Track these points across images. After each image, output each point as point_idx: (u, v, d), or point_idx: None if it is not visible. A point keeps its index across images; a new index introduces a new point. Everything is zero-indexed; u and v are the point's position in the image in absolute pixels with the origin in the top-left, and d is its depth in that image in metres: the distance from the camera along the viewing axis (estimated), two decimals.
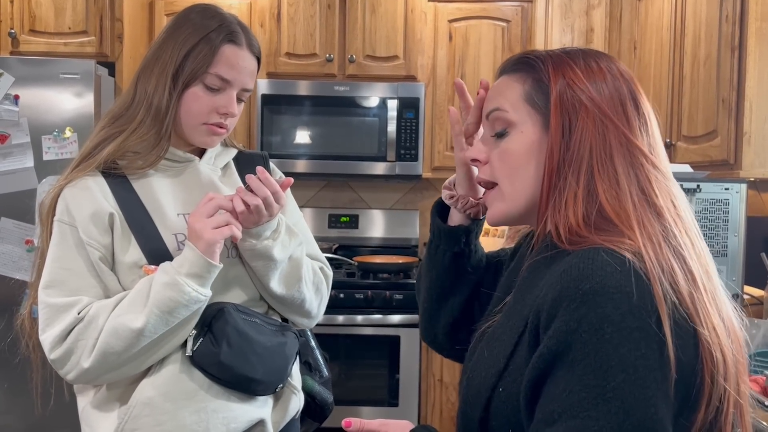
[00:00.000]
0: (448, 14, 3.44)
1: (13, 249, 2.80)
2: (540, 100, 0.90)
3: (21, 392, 2.74)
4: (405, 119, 3.30)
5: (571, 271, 0.78)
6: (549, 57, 0.92)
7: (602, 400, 0.73)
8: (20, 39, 3.07)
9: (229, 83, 1.33)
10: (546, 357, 0.77)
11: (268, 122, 3.32)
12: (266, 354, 1.32)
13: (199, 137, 1.37)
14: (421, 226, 3.79)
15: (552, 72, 0.90)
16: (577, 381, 0.74)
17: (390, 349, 3.07)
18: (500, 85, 0.95)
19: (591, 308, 0.75)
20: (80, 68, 2.81)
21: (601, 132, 0.86)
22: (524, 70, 0.93)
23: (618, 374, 0.73)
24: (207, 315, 1.29)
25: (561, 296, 0.77)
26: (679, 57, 2.43)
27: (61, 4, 3.06)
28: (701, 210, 2.03)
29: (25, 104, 2.80)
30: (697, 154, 2.26)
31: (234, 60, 1.33)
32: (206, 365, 1.29)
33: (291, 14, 3.36)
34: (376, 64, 3.38)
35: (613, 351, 0.73)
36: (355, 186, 3.82)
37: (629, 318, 0.74)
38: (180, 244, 1.32)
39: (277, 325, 1.39)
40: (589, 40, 3.18)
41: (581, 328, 0.75)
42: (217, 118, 1.34)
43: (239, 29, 1.35)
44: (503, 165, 0.92)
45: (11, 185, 2.80)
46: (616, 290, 0.75)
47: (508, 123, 0.92)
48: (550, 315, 0.78)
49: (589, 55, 0.92)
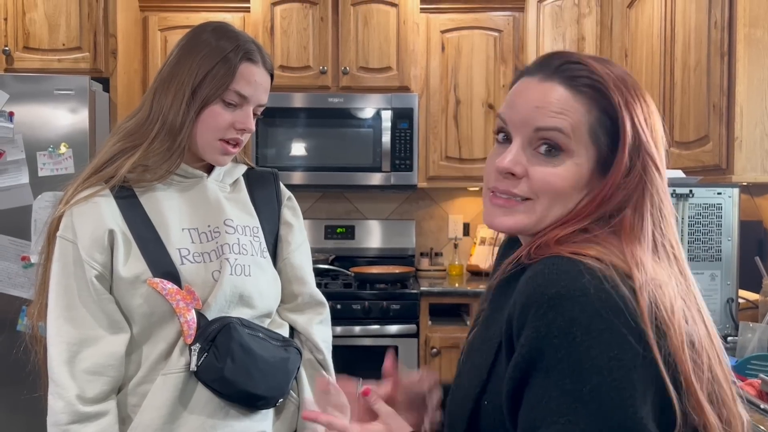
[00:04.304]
0: (440, 25, 3.46)
1: (9, 266, 2.79)
2: (602, 136, 0.86)
3: (21, 409, 2.73)
4: (399, 130, 3.32)
5: (536, 278, 0.78)
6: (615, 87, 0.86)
7: (581, 403, 0.72)
8: (14, 56, 3.08)
9: (246, 99, 1.35)
10: (521, 365, 0.77)
11: (263, 135, 3.33)
12: (268, 369, 1.32)
13: (212, 154, 1.38)
14: (417, 235, 3.80)
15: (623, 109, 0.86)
16: (554, 387, 0.74)
17: None
18: (555, 99, 0.87)
19: (558, 313, 0.75)
20: (74, 84, 2.82)
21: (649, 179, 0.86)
22: (590, 95, 0.86)
23: (592, 377, 0.73)
24: (212, 330, 1.29)
25: (528, 303, 0.77)
26: (670, 64, 2.45)
27: (55, 21, 3.07)
28: (694, 215, 2.04)
29: (19, 121, 2.80)
30: (689, 160, 2.28)
31: (251, 77, 1.35)
32: (209, 380, 1.29)
33: (284, 27, 3.38)
34: (370, 75, 3.40)
35: (584, 354, 0.73)
36: (350, 197, 3.83)
37: (597, 320, 0.74)
38: (183, 258, 1.32)
39: (280, 340, 1.40)
40: (581, 48, 3.20)
41: (551, 333, 0.75)
42: (234, 134, 1.36)
43: (255, 47, 1.38)
44: (548, 187, 0.87)
45: (7, 202, 2.80)
46: (581, 293, 0.75)
47: (566, 149, 0.86)
48: (520, 322, 0.78)
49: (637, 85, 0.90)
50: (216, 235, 1.36)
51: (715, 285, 2.04)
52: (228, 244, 1.35)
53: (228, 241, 1.35)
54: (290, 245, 1.50)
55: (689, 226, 2.04)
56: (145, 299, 1.29)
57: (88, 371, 1.26)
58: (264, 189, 1.51)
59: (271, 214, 1.50)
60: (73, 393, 1.24)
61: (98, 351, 1.27)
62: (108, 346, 1.28)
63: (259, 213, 1.47)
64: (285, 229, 1.51)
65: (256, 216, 1.46)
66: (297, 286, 1.50)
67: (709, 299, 2.02)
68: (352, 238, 3.73)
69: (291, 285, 1.50)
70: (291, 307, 1.51)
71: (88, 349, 1.27)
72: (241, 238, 1.38)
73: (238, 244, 1.36)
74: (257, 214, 1.47)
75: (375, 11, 3.39)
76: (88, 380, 1.26)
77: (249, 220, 1.43)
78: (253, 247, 1.40)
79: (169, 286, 1.28)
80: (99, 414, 1.26)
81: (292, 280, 1.50)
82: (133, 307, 1.30)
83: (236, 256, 1.35)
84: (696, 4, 2.24)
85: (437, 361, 3.14)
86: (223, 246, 1.35)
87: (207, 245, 1.35)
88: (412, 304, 3.10)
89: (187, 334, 1.28)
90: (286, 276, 1.49)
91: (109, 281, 1.30)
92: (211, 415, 1.31)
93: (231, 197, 1.45)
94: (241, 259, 1.35)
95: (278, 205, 1.53)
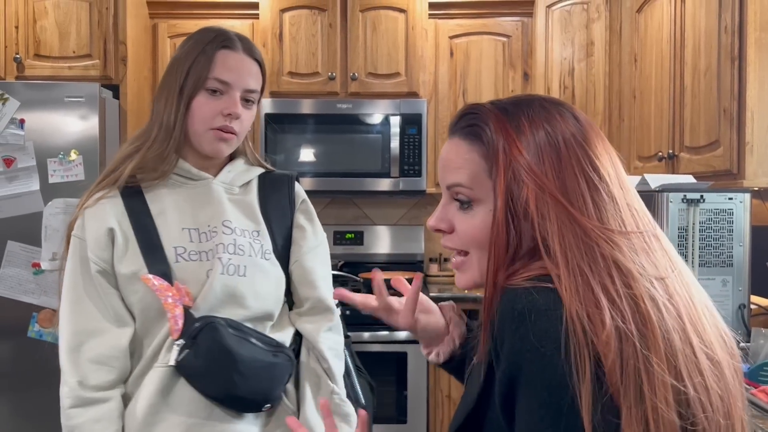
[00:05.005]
0: (448, 30, 3.46)
1: (19, 272, 2.80)
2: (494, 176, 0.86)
3: (33, 413, 2.74)
4: (408, 135, 3.32)
5: (505, 296, 0.80)
6: (494, 121, 0.87)
7: (561, 415, 0.73)
8: (25, 63, 3.10)
9: (228, 85, 1.39)
10: (503, 381, 0.78)
11: (272, 141, 3.34)
12: (249, 372, 1.33)
13: (208, 145, 1.41)
14: (426, 241, 3.79)
15: (497, 140, 0.85)
16: (534, 400, 0.75)
17: (397, 366, 3.07)
18: (456, 153, 0.90)
19: (528, 327, 0.76)
20: (85, 91, 2.83)
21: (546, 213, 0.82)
22: (474, 140, 0.88)
23: (567, 389, 0.73)
24: (195, 328, 1.31)
25: (502, 318, 0.78)
26: (680, 68, 2.44)
27: (66, 29, 3.09)
28: (705, 220, 2.03)
29: (30, 128, 2.82)
30: (700, 165, 2.26)
31: (230, 62, 1.39)
32: (189, 377, 1.32)
33: (293, 34, 3.39)
34: (378, 81, 3.40)
35: (557, 366, 0.74)
36: (359, 203, 3.83)
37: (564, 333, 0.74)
38: (178, 257, 1.36)
39: (272, 345, 1.40)
40: (590, 53, 3.19)
41: (525, 347, 0.76)
42: (222, 121, 1.39)
43: (234, 37, 1.42)
44: (470, 239, 0.89)
45: (17, 208, 2.81)
46: (546, 306, 0.76)
47: (474, 199, 0.88)
48: (500, 338, 0.79)
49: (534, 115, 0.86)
50: (213, 235, 1.39)
51: (726, 291, 2.02)
52: (223, 244, 1.37)
53: (223, 241, 1.37)
54: (301, 248, 1.50)
55: (700, 231, 2.02)
56: (142, 295, 1.34)
57: (93, 360, 1.32)
58: (277, 192, 1.53)
59: (282, 217, 1.50)
60: (75, 379, 1.31)
61: (103, 342, 1.33)
62: (113, 339, 1.34)
63: (269, 216, 1.48)
64: (297, 232, 1.52)
65: (260, 219, 1.46)
66: (305, 289, 1.50)
67: (721, 305, 2.00)
68: (361, 244, 3.73)
69: (300, 288, 1.50)
70: (300, 311, 1.51)
71: (94, 340, 1.33)
72: (239, 239, 1.40)
73: (234, 245, 1.38)
74: (266, 218, 1.48)
75: (383, 17, 3.39)
76: (92, 369, 1.32)
77: (250, 224, 1.45)
78: (252, 248, 1.41)
79: (158, 283, 1.32)
80: (99, 400, 1.31)
81: (301, 283, 1.49)
82: (133, 303, 1.36)
83: (230, 256, 1.37)
84: (706, 9, 2.23)
85: None
86: (218, 246, 1.37)
87: (205, 245, 1.38)
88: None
89: (173, 330, 1.31)
90: (296, 279, 1.49)
91: (113, 277, 1.37)
92: (194, 413, 1.33)
93: (236, 199, 1.47)
94: (236, 260, 1.37)
95: (291, 208, 1.53)
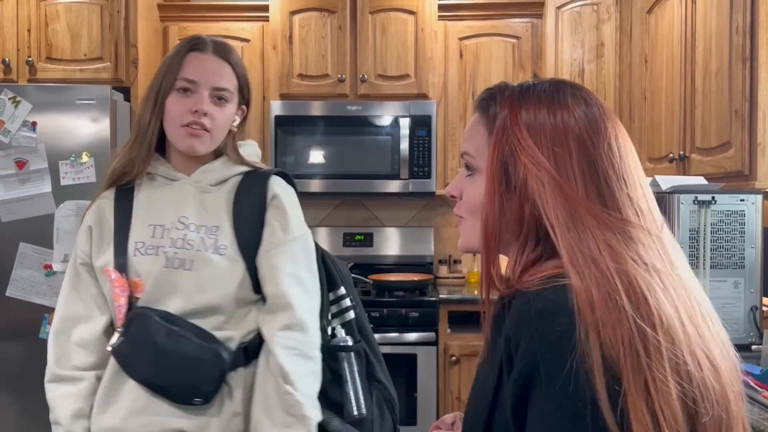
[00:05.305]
0: (458, 32, 3.46)
1: (32, 274, 2.82)
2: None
3: (46, 414, 2.75)
4: (417, 137, 3.32)
5: (522, 297, 0.80)
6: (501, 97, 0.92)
7: (578, 417, 0.73)
8: (37, 66, 3.12)
9: (196, 83, 1.46)
10: (518, 381, 0.78)
11: (282, 143, 3.35)
12: (169, 363, 1.38)
13: (182, 142, 1.47)
14: (436, 243, 3.79)
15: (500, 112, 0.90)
16: (550, 402, 0.75)
17: (407, 368, 3.07)
18: (471, 125, 0.97)
19: (547, 326, 0.76)
20: (96, 94, 2.85)
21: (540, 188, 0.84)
22: (483, 112, 0.94)
23: (587, 391, 0.72)
24: (129, 317, 1.41)
25: (520, 318, 0.79)
26: (691, 69, 2.43)
27: (77, 32, 3.11)
28: (716, 222, 2.02)
29: (42, 130, 2.84)
30: (711, 166, 2.25)
31: (198, 63, 1.47)
32: (120, 363, 1.42)
33: (303, 36, 3.40)
34: (388, 83, 3.41)
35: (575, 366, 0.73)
36: (369, 204, 3.84)
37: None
38: (136, 251, 1.45)
39: (206, 339, 1.41)
40: (600, 55, 3.19)
41: (543, 347, 0.75)
42: (190, 118, 1.45)
43: (208, 40, 1.50)
44: (467, 203, 0.96)
45: (30, 210, 2.83)
46: (565, 306, 0.76)
47: (477, 168, 0.94)
48: (516, 338, 0.79)
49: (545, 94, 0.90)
50: (168, 231, 1.46)
51: (738, 293, 2.01)
52: (172, 239, 1.44)
53: (173, 236, 1.45)
54: (267, 245, 1.48)
55: (712, 233, 2.01)
56: (109, 286, 1.45)
57: (75, 343, 1.46)
58: (251, 190, 1.51)
59: (252, 214, 1.49)
60: (53, 358, 1.46)
61: (85, 328, 1.47)
62: (94, 325, 1.47)
63: (239, 213, 1.48)
64: (266, 229, 1.50)
65: (225, 216, 1.48)
66: (266, 285, 1.47)
67: (733, 307, 1.99)
68: (371, 246, 3.74)
69: (263, 285, 1.48)
70: (261, 308, 1.49)
71: (77, 326, 1.47)
72: (190, 234, 1.45)
73: (184, 240, 1.44)
74: (235, 215, 1.48)
75: (393, 19, 3.40)
76: (74, 350, 1.46)
77: (209, 219, 1.47)
78: (204, 243, 1.44)
79: (113, 275, 1.42)
80: (72, 378, 1.45)
81: (264, 279, 1.48)
82: (106, 292, 1.47)
83: (177, 250, 1.43)
84: (717, 9, 2.22)
85: (456, 369, 3.12)
86: (168, 240, 1.45)
87: (162, 240, 1.46)
88: (431, 312, 3.10)
89: (117, 318, 1.43)
90: (260, 276, 1.48)
91: (93, 269, 1.49)
92: (136, 400, 1.41)
93: (204, 197, 1.50)
94: (182, 254, 1.43)
95: (262, 205, 1.50)
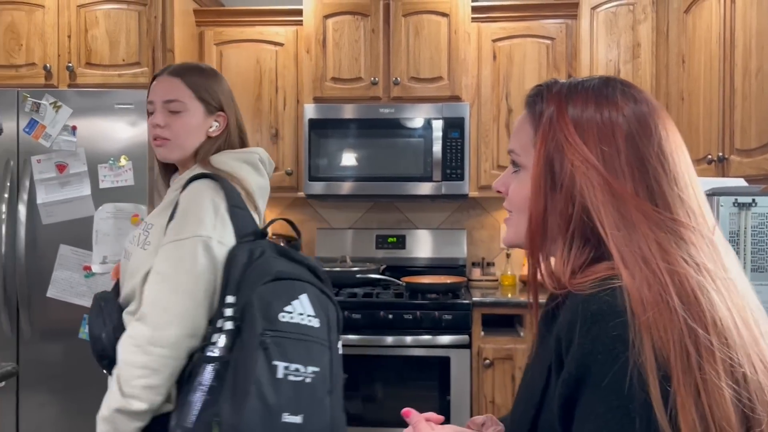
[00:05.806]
0: (491, 34, 3.45)
1: (71, 275, 2.89)
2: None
3: (85, 413, 2.80)
4: (450, 139, 3.31)
5: (575, 299, 0.81)
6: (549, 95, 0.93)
7: (628, 420, 0.73)
8: (77, 72, 3.19)
9: (153, 103, 1.66)
10: (568, 382, 0.78)
11: (316, 146, 3.37)
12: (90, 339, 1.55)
13: (156, 153, 1.68)
14: (469, 245, 3.78)
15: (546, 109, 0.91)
16: (601, 404, 0.75)
17: (440, 370, 3.06)
18: (518, 122, 0.98)
19: (602, 329, 0.76)
20: (134, 98, 2.91)
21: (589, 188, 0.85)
22: (530, 109, 0.95)
23: (639, 393, 0.72)
24: None
25: (573, 319, 0.79)
26: (730, 69, 2.38)
27: (116, 38, 3.18)
28: (757, 224, 1.98)
29: (82, 134, 2.90)
30: (751, 168, 2.21)
31: (154, 86, 1.68)
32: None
33: (336, 39, 3.42)
34: (421, 85, 3.40)
35: (628, 369, 0.73)
36: (401, 206, 3.84)
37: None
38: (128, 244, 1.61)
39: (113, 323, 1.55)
40: (636, 55, 3.14)
41: (596, 349, 0.76)
42: (153, 132, 1.65)
43: (170, 66, 1.70)
44: (514, 199, 0.98)
45: (69, 213, 2.89)
46: (620, 309, 0.76)
47: (523, 165, 0.96)
48: (568, 339, 0.79)
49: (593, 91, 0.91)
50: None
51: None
52: (133, 234, 1.62)
53: (134, 232, 1.62)
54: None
55: (752, 236, 1.97)
56: None
57: None
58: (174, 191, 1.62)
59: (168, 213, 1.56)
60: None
61: None
62: None
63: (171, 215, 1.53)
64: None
65: (165, 215, 1.56)
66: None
67: None
68: (403, 248, 3.74)
69: None
70: None
71: None
72: (136, 231, 1.61)
73: (133, 236, 1.60)
74: (170, 217, 1.54)
75: (426, 22, 3.40)
76: None
77: (152, 218, 1.61)
78: (138, 239, 1.58)
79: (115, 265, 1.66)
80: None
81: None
82: None
83: (128, 244, 1.61)
84: (757, 9, 2.18)
85: (490, 373, 3.11)
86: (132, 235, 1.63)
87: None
88: (464, 315, 3.08)
89: None
90: None
91: None
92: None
93: (166, 199, 1.64)
94: (128, 247, 1.60)
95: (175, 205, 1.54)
